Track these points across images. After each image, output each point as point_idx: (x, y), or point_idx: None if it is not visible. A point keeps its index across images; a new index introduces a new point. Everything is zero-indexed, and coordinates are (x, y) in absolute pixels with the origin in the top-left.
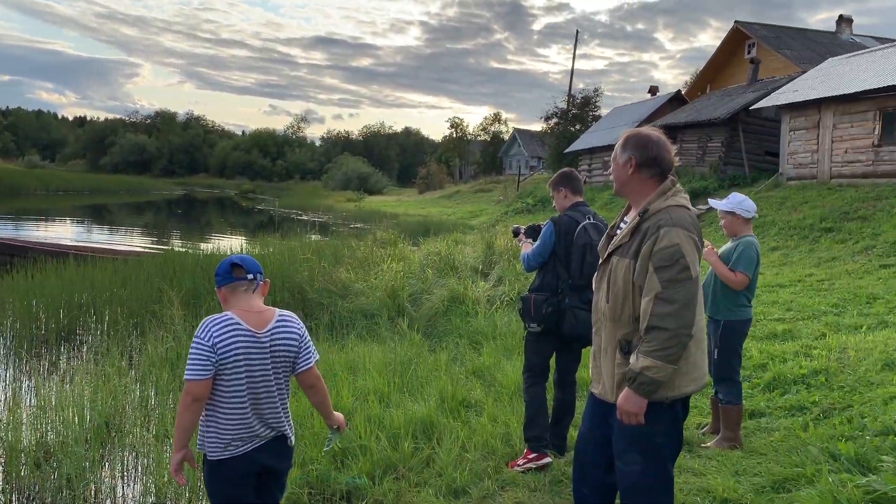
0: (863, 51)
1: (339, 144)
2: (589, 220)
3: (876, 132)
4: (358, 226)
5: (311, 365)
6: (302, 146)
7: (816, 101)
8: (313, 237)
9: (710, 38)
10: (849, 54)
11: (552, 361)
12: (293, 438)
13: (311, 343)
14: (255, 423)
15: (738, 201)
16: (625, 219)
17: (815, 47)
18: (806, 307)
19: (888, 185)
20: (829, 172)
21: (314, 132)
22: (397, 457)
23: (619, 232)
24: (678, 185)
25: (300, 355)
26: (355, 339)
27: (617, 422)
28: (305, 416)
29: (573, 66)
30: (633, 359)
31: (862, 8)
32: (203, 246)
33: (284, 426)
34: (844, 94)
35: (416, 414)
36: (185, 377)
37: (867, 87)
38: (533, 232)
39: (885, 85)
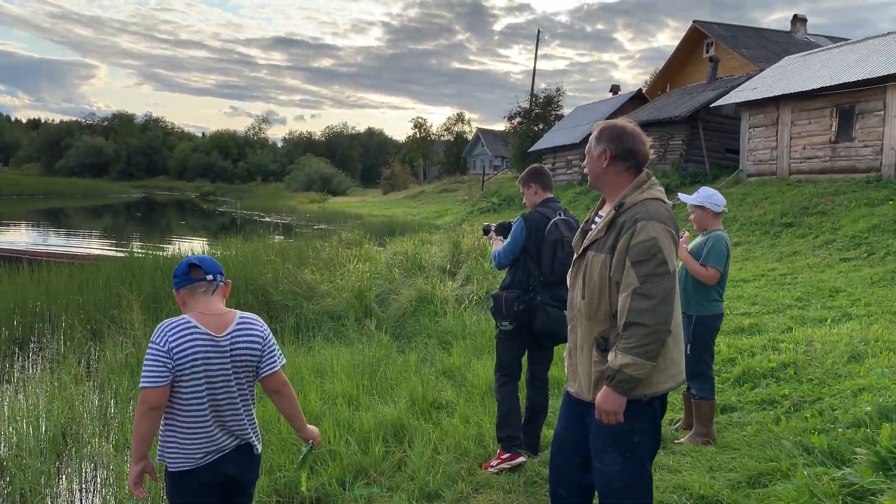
0: (819, 49)
1: (301, 145)
2: (560, 216)
3: (833, 129)
4: (322, 227)
5: (275, 369)
6: (263, 147)
7: (775, 99)
8: (277, 239)
9: (668, 39)
10: (805, 52)
11: (524, 360)
12: (259, 447)
13: (275, 346)
14: (216, 431)
15: (707, 195)
16: (599, 213)
17: (771, 46)
18: (771, 301)
19: (845, 181)
20: (788, 168)
21: (275, 133)
22: (368, 461)
23: (593, 227)
24: (653, 178)
25: (263, 359)
26: (322, 341)
27: (594, 421)
28: (272, 420)
29: (535, 65)
30: (611, 356)
31: (815, 8)
32: (163, 249)
33: (249, 434)
34: (802, 92)
35: (386, 417)
36: (140, 385)
37: (825, 85)
38: (503, 229)
39: (842, 82)
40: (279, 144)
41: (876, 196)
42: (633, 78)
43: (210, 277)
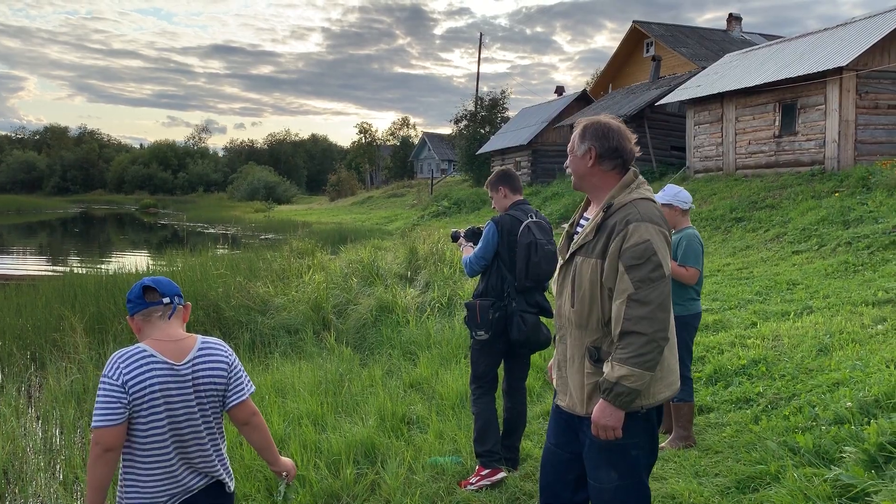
0: (759, 46)
1: (243, 154)
2: (532, 218)
3: (776, 123)
4: (269, 236)
5: (243, 398)
6: (204, 157)
7: (719, 96)
8: (223, 250)
9: (606, 40)
10: (746, 49)
11: (500, 370)
12: (232, 485)
13: (243, 372)
14: (182, 472)
15: (674, 193)
16: (585, 215)
17: (709, 45)
18: (731, 296)
19: (790, 174)
20: (734, 164)
21: (216, 142)
22: (339, 485)
23: (579, 230)
24: (641, 177)
25: (230, 387)
26: (280, 357)
27: (587, 437)
28: (233, 446)
29: (479, 69)
30: (606, 368)
31: (745, 8)
32: (105, 266)
33: (219, 471)
34: (745, 88)
35: (355, 436)
36: (92, 424)
37: (767, 80)
38: (473, 235)
39: (784, 77)
40: (220, 153)
41: (821, 188)
42: (573, 79)
43: (167, 300)
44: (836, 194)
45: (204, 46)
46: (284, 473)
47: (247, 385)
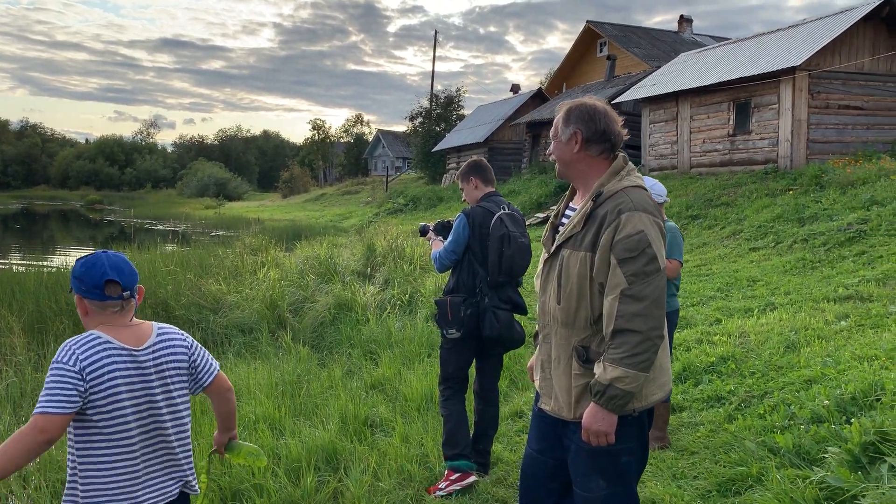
0: (712, 46)
1: (193, 150)
2: (504, 210)
3: (730, 122)
4: (220, 233)
5: (216, 371)
6: (153, 153)
7: (674, 94)
8: (172, 247)
9: (558, 41)
10: (700, 49)
11: (471, 370)
12: (198, 486)
13: (205, 351)
14: (146, 473)
15: (649, 186)
16: (571, 205)
17: (661, 45)
18: (693, 293)
19: (744, 173)
20: (689, 162)
21: (165, 138)
22: (299, 494)
23: (565, 221)
24: (631, 164)
25: (199, 368)
26: (234, 357)
27: (574, 443)
28: None
29: (434, 66)
30: (598, 369)
31: (692, 11)
32: (47, 263)
33: (185, 471)
34: (700, 87)
35: (315, 441)
36: (37, 410)
37: (722, 80)
38: (443, 228)
39: (738, 77)
40: (169, 149)
41: (775, 186)
42: (526, 79)
43: (126, 294)
44: (791, 192)
45: (152, 40)
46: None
47: (213, 360)
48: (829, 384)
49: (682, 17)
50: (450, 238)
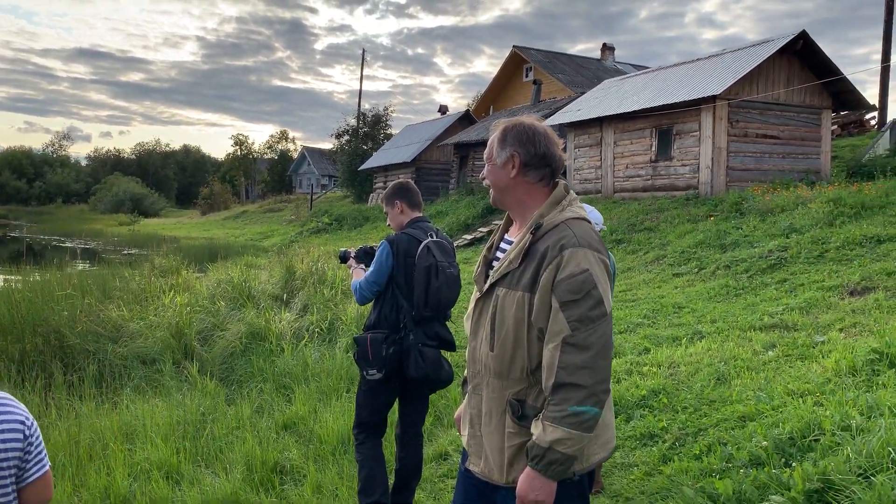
0: (636, 73)
1: (108, 164)
2: (432, 237)
3: (653, 148)
4: (132, 252)
5: (46, 468)
6: (65, 166)
7: (598, 120)
8: (80, 266)
9: (485, 65)
10: (624, 76)
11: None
12: None
13: (41, 438)
14: None
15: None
16: (506, 237)
17: (585, 72)
18: (620, 320)
19: (667, 198)
20: (612, 187)
21: (80, 151)
22: None
23: (500, 255)
24: (573, 192)
25: (30, 457)
26: (132, 393)
27: None
28: None
29: (361, 84)
30: (536, 429)
31: (613, 41)
32: None
33: None
34: (624, 113)
35: (217, 492)
36: None
37: (645, 106)
38: (365, 255)
39: (662, 104)
40: (83, 163)
41: (697, 212)
42: (454, 101)
43: None
44: (712, 218)
45: (68, 49)
46: None
47: (45, 454)
48: (765, 422)
49: (604, 45)
50: (371, 267)
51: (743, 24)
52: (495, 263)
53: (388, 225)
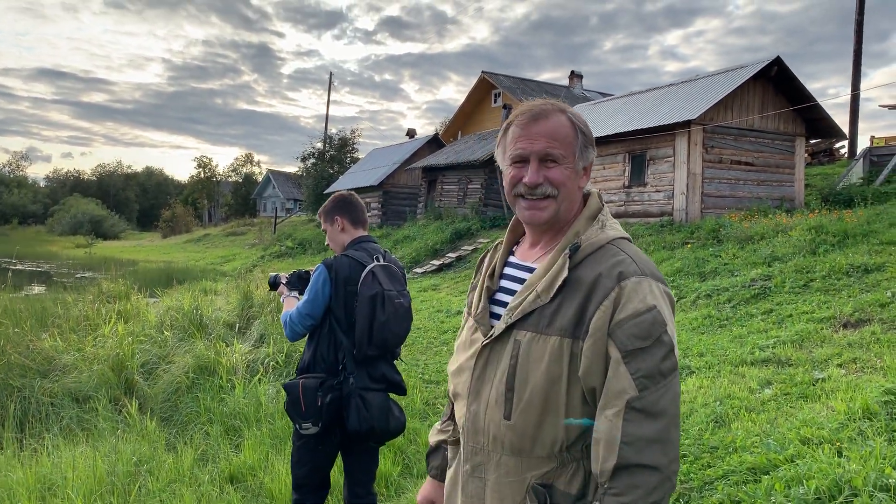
0: (607, 98)
1: (67, 185)
2: (378, 260)
3: (626, 174)
4: (87, 275)
5: None
6: (22, 187)
7: None
8: (39, 290)
9: (452, 92)
10: (595, 101)
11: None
12: None
13: None
14: None
15: None
16: (514, 260)
17: (553, 99)
18: None
19: (640, 224)
20: None
21: (38, 171)
22: None
23: (510, 285)
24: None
25: None
26: (59, 436)
27: None
28: None
29: (328, 107)
30: None
31: (577, 70)
32: None
33: None
34: (597, 137)
35: None
36: None
37: (619, 131)
38: (300, 281)
39: (635, 129)
40: (42, 183)
41: (672, 239)
42: (421, 127)
43: None
44: (688, 245)
45: (28, 69)
46: None
47: None
48: (782, 475)
49: (572, 72)
50: (305, 296)
51: (704, 58)
52: (502, 296)
53: (327, 245)
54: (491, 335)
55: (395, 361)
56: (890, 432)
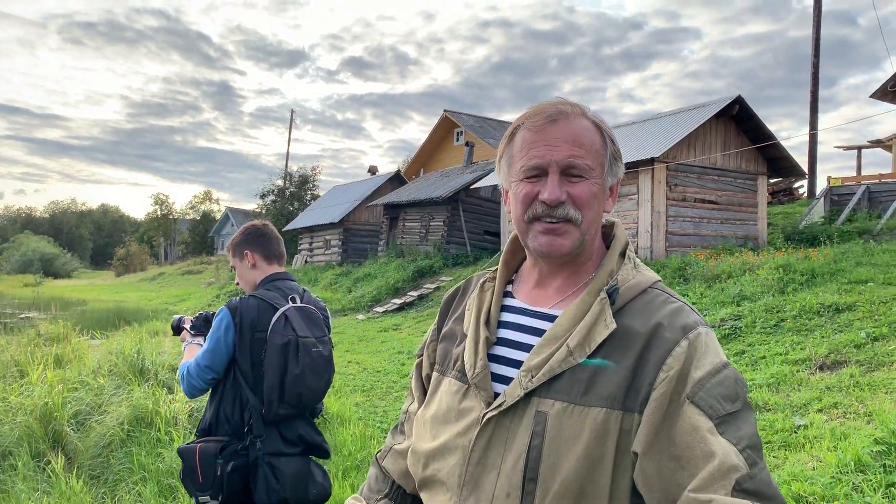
0: None
1: (18, 222)
2: (294, 301)
3: None
4: (31, 315)
5: None
6: None
7: None
8: None
9: (415, 131)
10: None
11: None
12: None
13: None
14: None
15: None
16: (516, 303)
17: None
18: None
19: None
20: None
21: None
22: None
23: (514, 335)
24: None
25: None
26: None
27: None
28: None
29: (289, 144)
30: None
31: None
32: None
33: None
34: None
35: None
36: None
37: None
38: (206, 324)
39: None
40: None
41: None
42: (383, 166)
43: None
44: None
45: None
46: None
47: None
48: None
49: None
50: (205, 345)
51: (661, 101)
52: (503, 351)
53: (237, 284)
54: (500, 405)
55: (315, 419)
56: (886, 486)
